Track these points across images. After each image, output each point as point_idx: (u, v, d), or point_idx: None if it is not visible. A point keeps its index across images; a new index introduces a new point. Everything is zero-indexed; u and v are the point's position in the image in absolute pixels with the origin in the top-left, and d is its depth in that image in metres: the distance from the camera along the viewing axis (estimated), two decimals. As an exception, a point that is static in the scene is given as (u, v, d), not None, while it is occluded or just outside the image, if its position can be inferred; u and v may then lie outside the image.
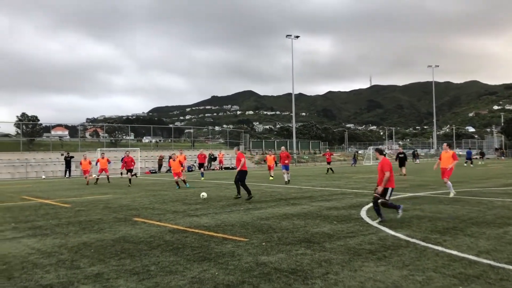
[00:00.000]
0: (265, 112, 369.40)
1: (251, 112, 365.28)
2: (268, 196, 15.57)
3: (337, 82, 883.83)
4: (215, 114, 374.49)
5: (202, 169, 28.89)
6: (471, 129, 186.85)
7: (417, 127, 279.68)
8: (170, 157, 21.74)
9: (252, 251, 6.84)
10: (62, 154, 36.99)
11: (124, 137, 58.18)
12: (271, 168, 25.34)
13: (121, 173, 25.37)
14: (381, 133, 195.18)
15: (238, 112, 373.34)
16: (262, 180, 24.04)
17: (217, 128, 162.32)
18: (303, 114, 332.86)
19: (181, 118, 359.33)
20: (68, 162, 34.50)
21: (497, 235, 7.84)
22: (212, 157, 44.53)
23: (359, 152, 51.32)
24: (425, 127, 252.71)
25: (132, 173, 23.41)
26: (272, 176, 24.78)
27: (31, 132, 50.83)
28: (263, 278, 5.37)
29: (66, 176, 34.25)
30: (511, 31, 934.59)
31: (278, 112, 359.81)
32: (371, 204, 12.58)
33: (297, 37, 58.27)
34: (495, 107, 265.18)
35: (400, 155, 28.09)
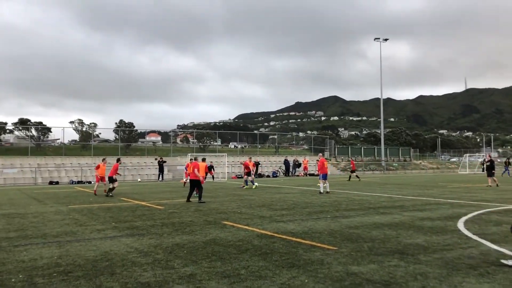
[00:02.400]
0: (350, 118, 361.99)
1: (336, 118, 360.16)
2: (356, 204, 15.15)
3: (425, 86, 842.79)
4: (299, 120, 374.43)
5: (246, 176, 25.51)
6: None
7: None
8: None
9: (342, 260, 6.66)
10: (155, 159, 39.18)
11: (212, 142, 60.21)
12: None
13: (184, 182, 25.95)
14: (478, 140, 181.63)
15: (323, 118, 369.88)
16: (349, 188, 23.50)
17: (301, 134, 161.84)
18: (392, 119, 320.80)
19: (266, 124, 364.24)
20: (161, 166, 36.45)
21: None
22: (297, 163, 44.55)
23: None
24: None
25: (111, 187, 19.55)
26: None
27: (127, 137, 54.50)
28: (355, 289, 5.20)
29: (160, 179, 36.19)
30: None
31: (364, 118, 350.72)
32: (469, 216, 11.72)
33: (386, 39, 56.37)
34: None
35: (486, 163, 25.37)
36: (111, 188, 19.58)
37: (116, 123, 58.32)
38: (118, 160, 20.84)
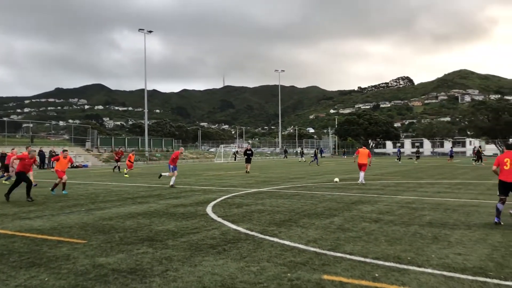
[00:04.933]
0: (116, 108, 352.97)
1: (101, 107, 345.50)
2: (114, 195, 14.92)
3: (189, 81, 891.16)
4: (59, 108, 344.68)
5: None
6: (311, 130, 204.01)
7: (265, 127, 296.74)
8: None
9: (90, 253, 6.49)
10: None
11: None
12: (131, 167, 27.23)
13: None
14: (233, 132, 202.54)
15: (86, 107, 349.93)
16: (111, 179, 22.96)
17: (61, 123, 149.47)
18: (157, 111, 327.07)
19: (19, 111, 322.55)
20: None
21: (324, 225, 8.77)
22: (54, 154, 41.01)
23: (318, 149, 48.72)
24: (272, 127, 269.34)
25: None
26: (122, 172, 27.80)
27: None
28: (99, 280, 5.15)
29: None
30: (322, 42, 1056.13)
31: (130, 108, 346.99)
32: (217, 200, 12.98)
33: (150, 31, 56.86)
34: (332, 111, 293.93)
35: (247, 152, 29.59)
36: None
37: None
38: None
